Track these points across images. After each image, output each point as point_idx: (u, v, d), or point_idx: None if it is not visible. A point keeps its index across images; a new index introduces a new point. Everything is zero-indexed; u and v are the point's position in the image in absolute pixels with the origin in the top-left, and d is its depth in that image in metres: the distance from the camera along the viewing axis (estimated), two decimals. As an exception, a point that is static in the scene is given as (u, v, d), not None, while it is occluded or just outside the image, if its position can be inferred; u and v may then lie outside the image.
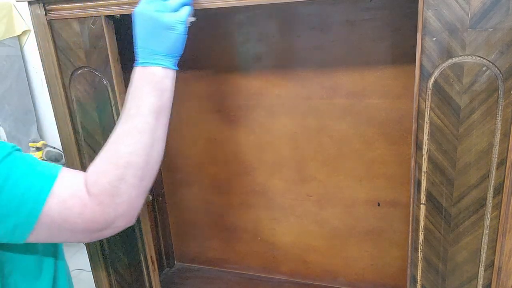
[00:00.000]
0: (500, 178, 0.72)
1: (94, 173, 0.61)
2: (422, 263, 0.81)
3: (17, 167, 0.57)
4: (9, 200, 0.55)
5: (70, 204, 0.58)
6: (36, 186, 0.57)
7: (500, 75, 0.67)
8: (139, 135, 0.63)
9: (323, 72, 1.11)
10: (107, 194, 0.60)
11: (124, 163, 0.61)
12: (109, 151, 0.63)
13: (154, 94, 0.66)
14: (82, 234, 0.60)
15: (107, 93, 0.95)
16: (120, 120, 0.66)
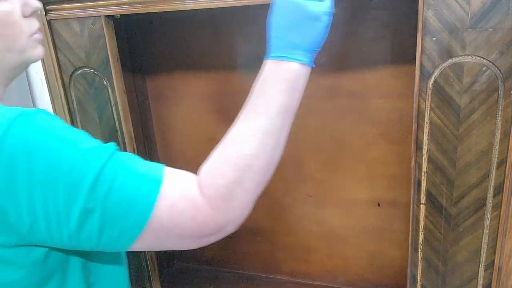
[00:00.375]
0: (500, 178, 0.72)
1: (209, 174, 0.56)
2: (422, 263, 0.81)
3: (122, 167, 0.52)
4: (116, 204, 0.50)
5: (182, 207, 0.53)
6: (144, 188, 0.52)
7: (500, 75, 0.67)
8: (264, 136, 0.57)
9: (323, 72, 1.11)
10: (222, 198, 0.55)
11: (244, 166, 0.56)
12: (229, 151, 0.57)
13: (286, 94, 0.59)
14: (189, 239, 0.55)
15: (107, 93, 0.95)
16: (244, 116, 0.59)
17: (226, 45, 1.17)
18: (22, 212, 0.48)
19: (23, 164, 0.47)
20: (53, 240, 0.50)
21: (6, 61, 0.58)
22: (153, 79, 1.27)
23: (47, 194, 0.48)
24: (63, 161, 0.48)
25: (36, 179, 0.47)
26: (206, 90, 1.24)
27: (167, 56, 1.22)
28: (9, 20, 0.56)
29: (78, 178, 0.48)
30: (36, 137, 0.48)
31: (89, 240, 0.51)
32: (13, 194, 0.47)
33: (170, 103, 1.28)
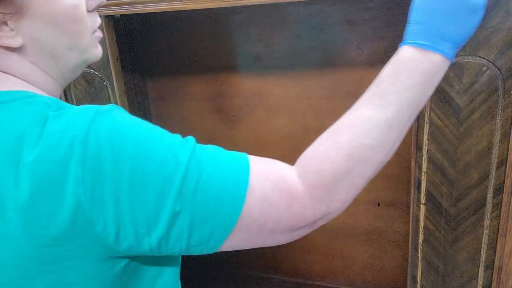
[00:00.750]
0: (500, 178, 0.72)
1: (316, 159, 0.50)
2: (422, 263, 0.81)
3: (206, 161, 0.47)
4: (206, 200, 0.46)
5: (275, 198, 0.48)
6: (231, 180, 0.47)
7: (500, 75, 0.67)
8: (388, 129, 0.51)
9: (323, 72, 1.11)
10: (326, 188, 0.49)
11: (360, 157, 0.50)
12: (344, 137, 0.51)
13: (421, 87, 0.52)
14: (282, 234, 0.50)
15: (107, 93, 0.95)
16: (368, 101, 0.52)
17: (226, 45, 1.17)
18: (109, 219, 0.43)
19: (109, 166, 0.43)
20: (140, 247, 0.46)
21: (67, 60, 0.52)
22: (153, 79, 1.27)
23: (136, 196, 0.43)
24: (150, 159, 0.44)
25: (123, 180, 0.43)
26: (206, 90, 1.24)
27: (167, 56, 1.22)
28: (76, 14, 0.50)
29: (166, 177, 0.44)
30: (119, 135, 0.44)
31: (178, 242, 0.46)
32: (100, 200, 0.43)
33: (170, 103, 1.28)
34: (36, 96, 0.48)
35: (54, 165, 0.42)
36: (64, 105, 0.48)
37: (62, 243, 0.43)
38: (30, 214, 0.42)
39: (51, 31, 0.49)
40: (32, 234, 0.43)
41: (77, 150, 0.42)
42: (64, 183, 0.42)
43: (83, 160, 0.42)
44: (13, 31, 0.46)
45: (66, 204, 0.42)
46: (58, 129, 0.43)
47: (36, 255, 0.43)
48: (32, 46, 0.49)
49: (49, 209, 0.42)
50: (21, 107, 0.45)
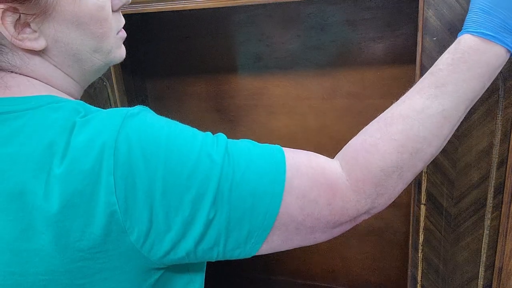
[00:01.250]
0: (501, 178, 0.72)
1: (364, 152, 0.47)
2: (423, 264, 0.81)
3: (240, 158, 0.45)
4: (241, 200, 0.43)
5: (314, 194, 0.45)
6: (266, 177, 0.44)
7: (500, 74, 0.67)
8: (444, 121, 0.48)
9: (323, 72, 1.11)
10: (373, 182, 0.46)
11: (413, 150, 0.47)
12: (397, 128, 0.47)
13: (481, 79, 0.49)
14: (322, 231, 0.48)
15: (106, 93, 0.95)
16: (425, 90, 0.49)
17: (226, 45, 1.17)
18: (143, 227, 0.41)
19: (141, 173, 0.41)
20: (176, 253, 0.44)
21: (92, 62, 0.50)
22: (152, 79, 1.27)
23: (171, 202, 0.42)
24: (183, 163, 0.42)
25: (157, 187, 0.41)
26: (206, 90, 1.24)
27: (167, 56, 1.22)
28: (102, 15, 0.48)
29: (201, 180, 0.42)
30: (150, 140, 0.42)
31: (216, 245, 0.44)
32: (133, 208, 0.41)
33: (170, 103, 1.28)
34: (62, 101, 0.46)
35: (85, 175, 0.40)
36: (91, 109, 0.46)
37: (95, 256, 0.42)
38: (62, 228, 0.40)
39: (75, 33, 0.47)
40: (64, 248, 0.41)
41: (107, 158, 0.40)
42: (96, 193, 0.40)
43: (114, 168, 0.40)
44: (36, 33, 0.45)
45: (99, 215, 0.40)
46: (86, 138, 0.41)
47: (68, 269, 0.42)
48: (55, 49, 0.47)
49: (81, 221, 0.40)
50: (47, 114, 0.43)
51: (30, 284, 0.42)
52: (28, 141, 0.42)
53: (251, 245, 0.46)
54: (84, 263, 0.42)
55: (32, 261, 0.42)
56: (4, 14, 0.42)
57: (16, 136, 0.42)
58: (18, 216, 0.41)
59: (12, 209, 0.41)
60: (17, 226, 0.41)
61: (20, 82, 0.46)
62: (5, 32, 0.43)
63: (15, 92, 0.46)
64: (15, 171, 0.41)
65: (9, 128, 0.42)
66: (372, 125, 0.51)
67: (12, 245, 0.41)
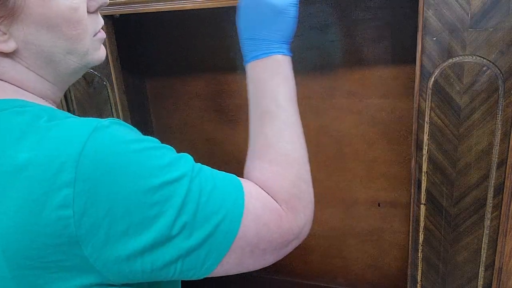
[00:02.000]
0: (501, 178, 0.72)
1: (271, 180, 0.52)
2: (423, 264, 0.81)
3: (206, 181, 0.46)
4: (205, 221, 0.44)
5: (266, 218, 0.48)
6: (229, 199, 0.46)
7: (500, 75, 0.67)
8: (291, 128, 0.58)
9: (323, 72, 1.10)
10: (295, 197, 0.52)
11: (294, 161, 0.55)
12: (271, 153, 0.55)
13: (284, 84, 0.58)
14: (272, 253, 0.51)
15: (106, 93, 0.95)
16: (261, 122, 0.57)
17: (226, 45, 1.17)
18: (99, 244, 0.41)
19: (105, 190, 0.40)
20: (132, 271, 0.43)
21: (66, 64, 0.49)
22: (152, 79, 1.27)
23: (132, 220, 0.41)
24: (149, 183, 0.42)
25: (119, 205, 0.40)
26: (205, 90, 1.24)
27: (166, 56, 1.22)
28: (75, 17, 0.46)
29: (167, 199, 0.42)
30: (117, 158, 0.41)
31: (173, 265, 0.45)
32: (91, 224, 0.40)
33: (170, 102, 1.28)
34: (28, 105, 0.44)
35: (41, 185, 0.39)
36: (58, 115, 0.44)
37: (46, 266, 0.41)
38: (11, 235, 0.39)
39: (46, 35, 0.46)
40: (13, 255, 0.40)
41: (69, 170, 0.39)
42: (51, 205, 0.39)
43: (75, 181, 0.39)
44: (5, 35, 0.44)
45: (52, 226, 0.39)
46: (50, 146, 0.40)
47: (15, 275, 0.41)
48: (26, 51, 0.46)
49: (32, 230, 0.39)
50: (9, 118, 0.42)
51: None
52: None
53: (207, 266, 0.47)
54: (34, 272, 0.41)
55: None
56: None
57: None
58: None
59: None
60: None
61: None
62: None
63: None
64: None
65: None
66: (252, 161, 0.56)
67: None
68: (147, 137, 0.46)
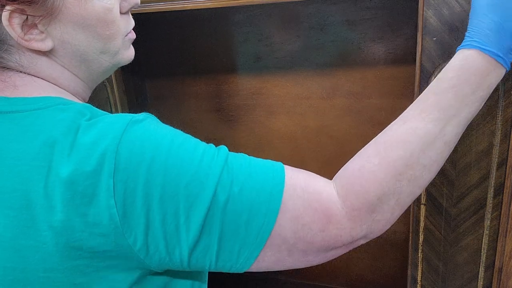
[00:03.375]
0: (501, 178, 0.71)
1: (362, 178, 0.46)
2: (423, 264, 0.81)
3: (239, 171, 0.45)
4: (236, 214, 0.43)
5: (308, 219, 0.45)
6: (263, 195, 0.44)
7: (500, 75, 0.67)
8: (444, 147, 0.47)
9: (323, 72, 1.10)
10: (369, 209, 0.45)
11: (411, 177, 0.46)
12: (395, 154, 0.46)
13: (481, 103, 0.47)
14: (314, 255, 0.47)
15: (106, 93, 0.95)
16: (425, 113, 0.47)
17: (225, 45, 1.17)
18: (140, 232, 0.42)
19: (141, 178, 0.41)
20: (171, 260, 0.44)
21: (99, 63, 0.51)
22: (152, 79, 1.27)
23: (167, 209, 0.42)
24: (183, 172, 0.42)
25: (155, 194, 0.41)
26: (205, 90, 1.24)
27: (166, 56, 1.22)
28: (110, 18, 0.48)
29: (199, 190, 0.43)
30: (152, 147, 0.42)
31: (208, 255, 0.44)
32: (131, 212, 0.41)
33: (170, 103, 1.28)
34: (70, 103, 0.46)
35: (86, 177, 0.41)
36: (97, 113, 0.46)
37: (94, 255, 0.42)
38: (63, 228, 0.41)
39: (82, 34, 0.47)
40: (64, 246, 0.42)
41: (109, 161, 0.41)
42: (97, 195, 0.41)
43: (115, 171, 0.41)
44: (43, 34, 0.45)
45: (99, 216, 0.41)
46: (90, 140, 0.42)
47: (67, 267, 0.42)
48: (62, 50, 0.48)
49: (82, 221, 0.41)
50: (54, 114, 0.44)
51: (29, 281, 0.43)
52: (35, 139, 0.42)
53: (243, 260, 0.46)
54: (83, 262, 0.43)
55: (32, 258, 0.42)
56: (11, 15, 0.43)
57: (24, 133, 0.43)
58: (21, 213, 0.41)
59: (15, 206, 0.42)
60: (20, 223, 0.42)
61: (27, 82, 0.47)
62: (12, 33, 0.44)
63: (23, 92, 0.46)
64: (21, 167, 0.42)
65: (18, 126, 0.43)
66: (370, 148, 0.49)
67: (14, 241, 0.42)
68: (179, 131, 0.47)
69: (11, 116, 0.44)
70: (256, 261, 0.46)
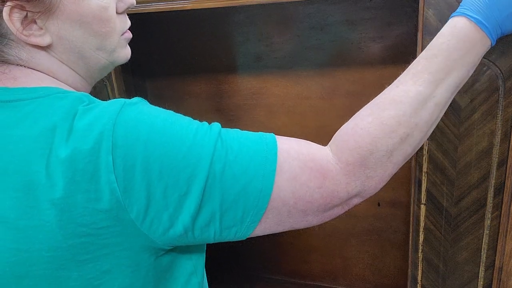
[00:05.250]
0: (501, 178, 0.72)
1: (356, 135, 0.49)
2: (423, 263, 0.81)
3: (233, 141, 0.47)
4: (234, 178, 0.45)
5: (305, 178, 0.47)
6: (258, 159, 0.46)
7: (500, 74, 0.67)
8: (435, 108, 0.49)
9: (323, 72, 1.10)
10: (363, 165, 0.48)
11: (403, 135, 0.48)
12: (389, 113, 0.48)
13: (470, 69, 0.50)
14: (314, 214, 0.50)
15: (106, 93, 0.95)
16: (418, 75, 0.50)
17: (225, 44, 1.17)
18: (142, 205, 0.44)
19: (139, 153, 0.43)
20: (175, 231, 0.46)
21: (96, 60, 0.53)
22: (152, 79, 1.27)
23: (167, 180, 0.44)
24: (179, 144, 0.45)
25: (154, 166, 0.43)
26: (206, 90, 1.24)
27: (166, 55, 1.22)
28: (105, 16, 0.51)
29: (196, 160, 0.45)
30: (147, 123, 0.45)
31: (212, 223, 0.46)
32: (131, 186, 0.43)
33: (170, 102, 1.28)
34: (68, 92, 0.48)
35: (85, 155, 0.42)
36: (95, 100, 0.48)
37: (97, 232, 0.44)
38: (65, 204, 0.43)
39: (79, 31, 0.49)
40: (67, 223, 0.43)
41: (106, 139, 0.43)
42: (97, 171, 0.42)
43: (113, 148, 0.43)
44: (42, 29, 0.47)
45: (100, 191, 0.43)
46: (86, 123, 0.44)
47: (71, 244, 0.44)
48: (60, 45, 0.50)
49: (83, 197, 0.43)
50: (53, 102, 0.46)
51: (34, 261, 0.44)
52: (35, 125, 0.44)
53: (247, 224, 0.48)
54: (87, 239, 0.44)
55: (36, 237, 0.43)
56: (12, 11, 0.45)
57: (24, 120, 0.45)
58: (23, 194, 0.43)
59: (17, 187, 0.43)
60: (22, 204, 0.43)
61: (27, 74, 0.49)
62: (12, 28, 0.46)
63: (23, 83, 0.48)
64: (22, 150, 0.43)
65: (19, 113, 0.45)
66: (365, 109, 0.52)
67: (17, 222, 0.43)
68: (172, 111, 0.50)
69: (12, 104, 0.46)
70: (259, 224, 0.48)
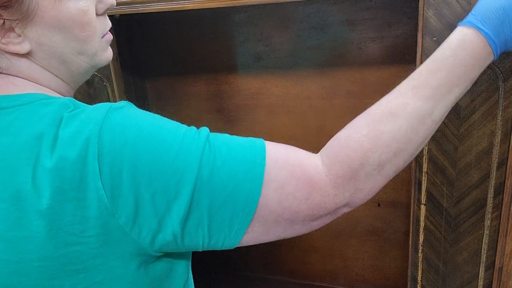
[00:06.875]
0: (501, 178, 0.71)
1: (347, 148, 0.47)
2: (423, 264, 0.81)
3: (221, 146, 0.47)
4: (222, 182, 0.44)
5: (291, 188, 0.46)
6: (247, 162, 0.46)
7: (500, 75, 0.67)
8: (431, 124, 0.48)
9: (323, 72, 1.10)
10: (353, 178, 0.47)
11: (397, 150, 0.47)
12: (383, 127, 0.47)
13: (468, 84, 0.49)
14: (301, 224, 0.48)
15: (106, 93, 0.95)
16: (416, 89, 0.48)
17: (225, 45, 1.17)
18: (131, 211, 0.43)
19: (126, 159, 0.43)
20: (164, 238, 0.45)
21: (78, 64, 0.52)
22: (152, 79, 1.27)
23: (155, 186, 0.43)
24: (167, 149, 0.44)
25: (142, 172, 0.43)
26: (206, 90, 1.24)
27: (167, 56, 1.22)
28: (85, 20, 0.49)
29: (184, 165, 0.44)
30: (134, 128, 0.44)
31: (200, 229, 0.46)
32: (119, 193, 0.43)
33: (170, 103, 1.28)
34: (52, 98, 0.47)
35: (72, 163, 0.42)
36: (80, 105, 0.47)
37: (87, 240, 0.43)
38: (54, 214, 0.42)
39: (58, 36, 0.48)
40: (57, 232, 0.43)
41: (92, 146, 0.42)
42: (84, 178, 0.42)
43: (99, 155, 0.42)
44: (20, 37, 0.46)
45: (88, 199, 0.42)
46: (72, 130, 0.43)
47: (62, 254, 0.44)
48: (41, 52, 0.48)
49: (72, 205, 0.42)
50: (38, 109, 0.45)
51: (25, 271, 0.44)
52: (20, 133, 0.44)
53: (236, 231, 0.47)
54: (77, 248, 0.44)
55: (26, 248, 0.43)
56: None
57: (8, 128, 0.44)
58: (11, 205, 0.43)
59: (4, 198, 0.43)
60: (11, 215, 0.43)
61: (8, 82, 0.48)
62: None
63: (5, 91, 0.47)
64: (9, 161, 0.43)
65: (3, 122, 0.44)
66: (360, 119, 0.50)
67: (7, 233, 0.43)
68: (159, 115, 0.49)
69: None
70: (246, 234, 0.47)
